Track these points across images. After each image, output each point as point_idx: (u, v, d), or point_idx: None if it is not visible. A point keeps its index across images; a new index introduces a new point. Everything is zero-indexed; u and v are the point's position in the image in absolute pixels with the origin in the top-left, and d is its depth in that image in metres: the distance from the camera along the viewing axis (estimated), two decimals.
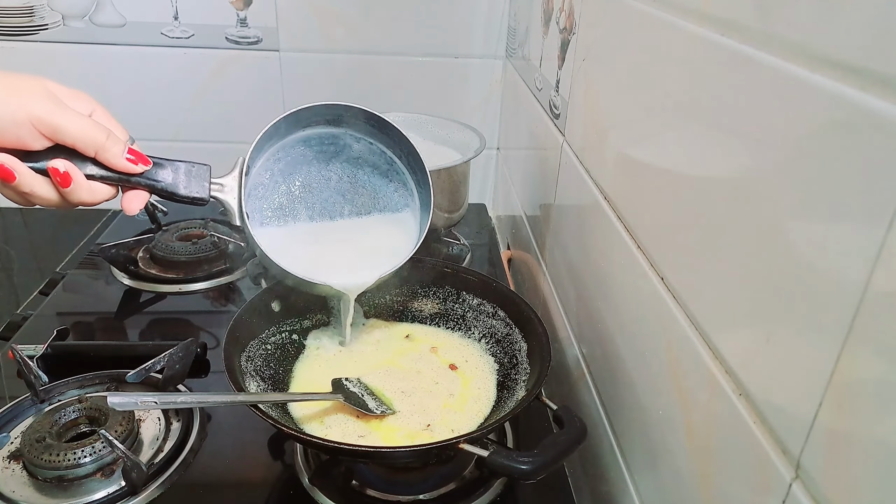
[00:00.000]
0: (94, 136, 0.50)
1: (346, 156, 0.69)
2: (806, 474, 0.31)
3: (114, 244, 0.94)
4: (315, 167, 0.69)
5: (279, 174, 0.67)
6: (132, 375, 0.68)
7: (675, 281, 0.46)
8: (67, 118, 0.48)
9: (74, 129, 0.49)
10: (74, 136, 0.49)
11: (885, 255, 0.26)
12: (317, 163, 0.69)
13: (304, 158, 0.68)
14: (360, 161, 0.69)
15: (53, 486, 0.59)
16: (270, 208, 0.67)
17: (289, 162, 0.67)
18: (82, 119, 0.50)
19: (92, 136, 0.50)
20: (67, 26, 1.13)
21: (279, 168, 0.67)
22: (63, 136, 0.49)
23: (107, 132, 0.51)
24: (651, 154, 0.51)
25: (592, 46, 0.67)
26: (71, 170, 0.49)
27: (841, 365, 0.28)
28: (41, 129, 0.48)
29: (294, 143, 0.67)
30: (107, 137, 0.51)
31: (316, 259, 0.66)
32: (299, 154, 0.67)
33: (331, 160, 0.69)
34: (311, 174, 0.69)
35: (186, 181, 0.56)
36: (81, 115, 0.50)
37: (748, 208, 0.36)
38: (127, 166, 0.52)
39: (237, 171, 0.59)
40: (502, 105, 1.24)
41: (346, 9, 1.15)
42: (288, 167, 0.67)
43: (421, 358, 0.70)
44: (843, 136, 0.29)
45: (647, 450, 0.52)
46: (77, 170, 0.50)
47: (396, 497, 0.59)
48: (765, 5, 0.35)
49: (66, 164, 0.49)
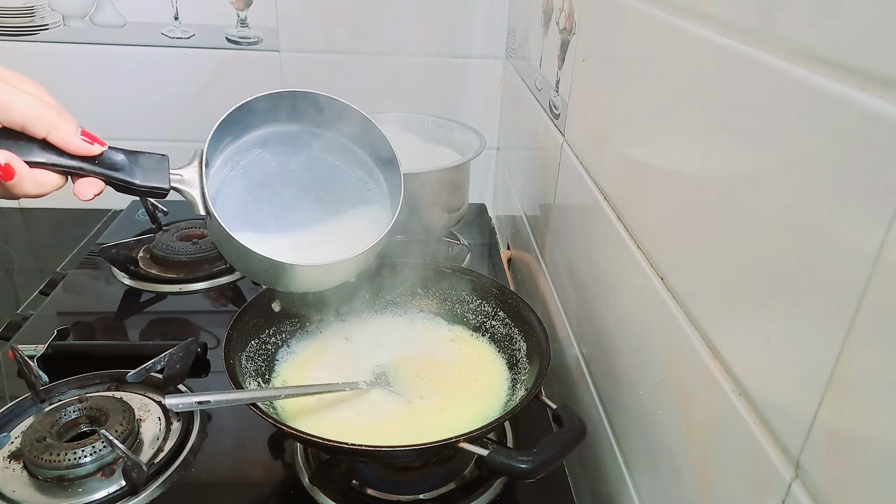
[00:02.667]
0: (44, 113, 0.46)
1: (305, 155, 0.67)
2: (805, 474, 0.31)
3: (114, 244, 0.94)
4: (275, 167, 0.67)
5: (239, 176, 0.65)
6: (132, 375, 0.68)
7: (674, 281, 0.46)
8: (15, 97, 0.45)
9: (23, 106, 0.45)
10: (24, 113, 0.45)
11: (885, 255, 0.26)
12: (276, 163, 0.67)
13: (262, 161, 0.66)
14: (320, 160, 0.68)
15: (54, 486, 0.59)
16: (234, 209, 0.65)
17: (247, 165, 0.66)
18: (30, 98, 0.46)
19: (42, 114, 0.46)
20: (68, 26, 1.13)
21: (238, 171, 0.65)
22: (10, 114, 0.45)
23: (58, 110, 0.47)
24: (651, 154, 0.51)
25: (592, 46, 0.67)
26: (13, 161, 0.46)
27: (841, 364, 0.28)
28: None
29: (250, 146, 0.65)
30: (58, 115, 0.47)
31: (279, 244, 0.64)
32: (257, 157, 0.66)
33: (290, 159, 0.67)
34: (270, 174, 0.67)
35: (144, 171, 0.53)
36: (29, 95, 0.46)
37: (748, 208, 0.36)
38: (81, 146, 0.48)
39: (196, 161, 0.57)
40: (502, 105, 1.24)
41: (347, 9, 1.15)
42: (247, 169, 0.66)
43: (438, 348, 0.71)
44: (843, 135, 0.29)
45: (646, 449, 0.52)
46: (19, 160, 0.46)
47: (396, 496, 0.60)
48: (765, 5, 0.35)
49: (6, 155, 0.45)
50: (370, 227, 0.66)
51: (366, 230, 0.66)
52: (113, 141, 0.53)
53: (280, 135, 0.66)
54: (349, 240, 0.65)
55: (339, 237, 0.67)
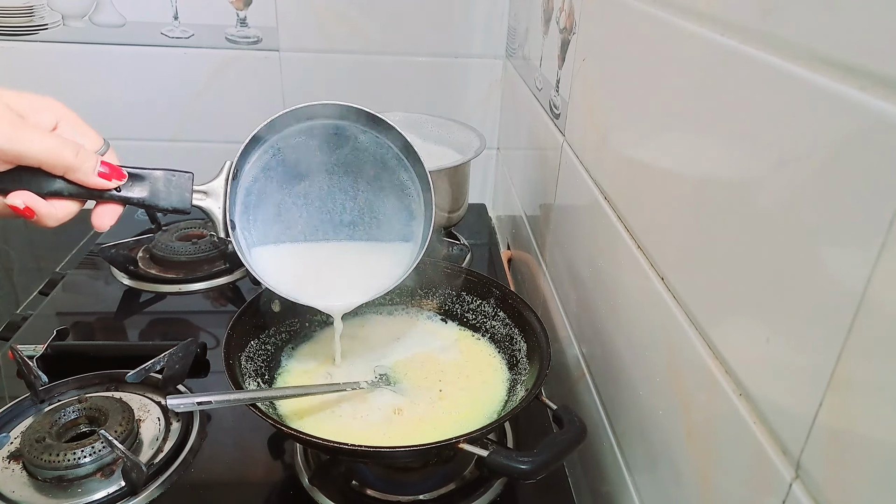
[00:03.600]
0: (61, 156, 0.46)
1: (351, 147, 0.64)
2: (806, 474, 0.31)
3: (113, 244, 0.94)
4: (316, 167, 0.64)
5: (279, 164, 0.62)
6: (132, 375, 0.68)
7: (675, 281, 0.46)
8: (29, 142, 0.44)
9: (38, 152, 0.44)
10: (39, 159, 0.45)
11: (886, 255, 0.26)
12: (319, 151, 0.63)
13: (307, 147, 0.63)
14: (364, 159, 0.65)
15: (53, 487, 0.59)
16: (263, 220, 0.63)
17: (288, 151, 0.62)
18: (46, 139, 0.45)
19: (58, 157, 0.46)
20: (67, 26, 1.13)
21: (279, 158, 0.62)
22: (27, 161, 0.45)
23: (75, 149, 0.47)
24: (651, 154, 0.51)
25: (592, 46, 0.67)
26: (31, 202, 0.46)
27: (841, 365, 0.28)
28: (1, 157, 0.44)
29: (295, 134, 0.62)
30: (76, 155, 0.46)
31: (303, 277, 0.63)
32: (301, 143, 0.62)
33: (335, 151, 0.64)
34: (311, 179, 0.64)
35: (166, 191, 0.52)
36: (45, 135, 0.46)
37: (748, 208, 0.36)
38: (100, 183, 0.48)
39: (223, 176, 0.56)
40: (502, 105, 1.24)
41: (346, 9, 1.15)
42: (287, 164, 0.63)
43: (437, 350, 0.70)
44: (843, 136, 0.29)
45: (647, 450, 0.52)
46: (38, 200, 0.46)
47: (396, 497, 0.59)
48: (765, 5, 0.35)
49: (24, 198, 0.46)
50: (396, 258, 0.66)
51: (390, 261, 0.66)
52: (113, 141, 0.52)
53: (326, 126, 0.62)
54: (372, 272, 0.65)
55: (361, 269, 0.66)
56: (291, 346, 0.70)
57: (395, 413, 0.62)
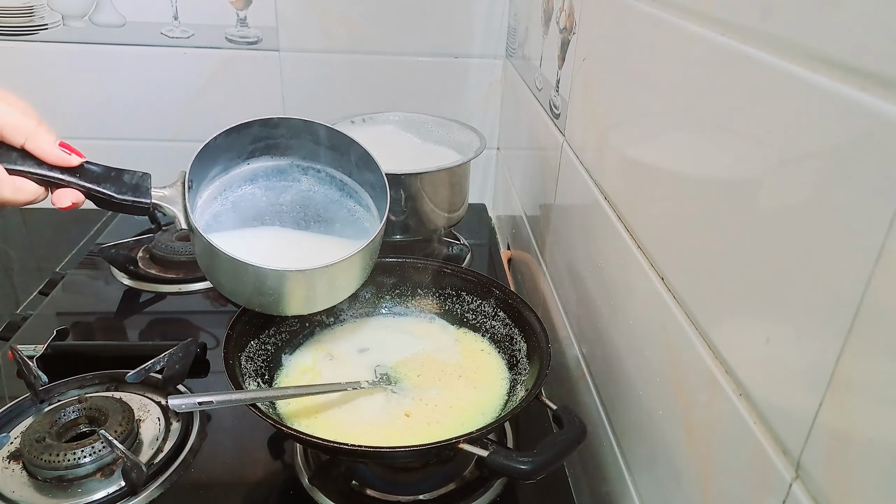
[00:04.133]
0: (22, 122, 0.47)
1: (295, 190, 0.68)
2: (806, 474, 0.31)
3: (113, 244, 0.94)
4: (265, 203, 0.67)
5: (229, 210, 0.66)
6: (132, 375, 0.68)
7: (675, 281, 0.46)
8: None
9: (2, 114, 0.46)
10: (2, 120, 0.46)
11: (886, 255, 0.26)
12: (267, 199, 0.67)
13: (253, 196, 0.67)
14: (311, 193, 0.69)
15: (53, 486, 0.59)
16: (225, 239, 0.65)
17: (237, 200, 0.67)
18: (8, 106, 0.47)
19: (19, 122, 0.47)
20: (67, 26, 1.13)
21: (228, 206, 0.66)
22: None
23: (36, 119, 0.48)
24: (651, 154, 0.51)
25: (592, 46, 0.67)
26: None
27: (841, 365, 0.28)
28: None
29: (240, 182, 0.66)
30: (38, 123, 0.48)
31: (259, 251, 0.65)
32: (247, 193, 0.67)
33: (281, 194, 0.68)
34: (262, 209, 0.67)
35: (125, 186, 0.54)
36: (8, 104, 0.47)
37: (748, 208, 0.36)
38: (59, 156, 0.49)
39: (179, 181, 0.58)
40: (502, 105, 1.24)
41: (346, 9, 1.15)
42: (237, 204, 0.67)
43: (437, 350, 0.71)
44: (843, 135, 0.29)
45: (646, 450, 0.52)
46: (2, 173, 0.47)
47: (396, 497, 0.59)
48: (765, 5, 0.35)
49: None
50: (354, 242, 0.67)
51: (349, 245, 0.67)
52: (112, 141, 0.53)
53: (268, 169, 0.67)
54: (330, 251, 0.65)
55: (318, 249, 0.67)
56: (291, 346, 0.70)
57: (395, 413, 0.62)
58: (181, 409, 0.52)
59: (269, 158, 0.66)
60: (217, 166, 0.64)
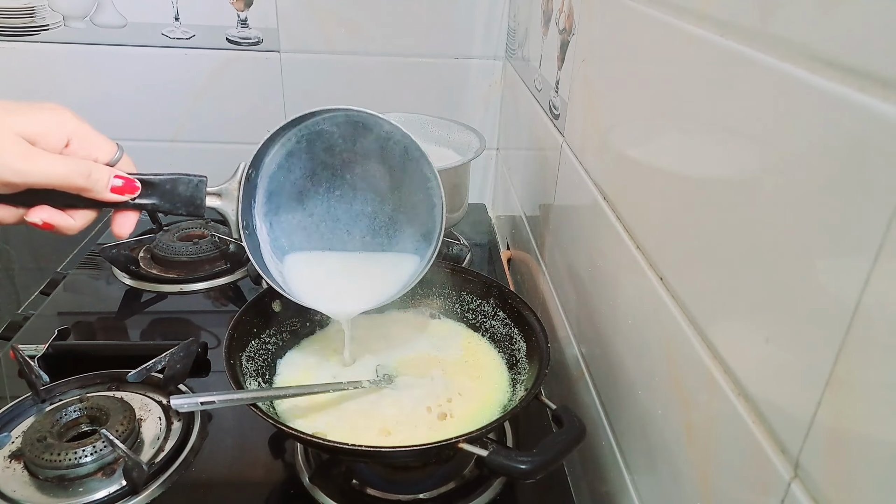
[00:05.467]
0: (73, 181, 0.47)
1: (375, 135, 0.62)
2: (805, 474, 0.31)
3: (115, 244, 0.94)
4: (342, 143, 0.63)
5: (299, 160, 0.62)
6: (133, 375, 0.68)
7: (674, 281, 0.46)
8: (40, 172, 0.45)
9: (50, 179, 0.46)
10: (52, 185, 0.46)
11: (884, 255, 0.26)
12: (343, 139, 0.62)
13: (331, 137, 0.62)
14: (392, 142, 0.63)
15: (54, 486, 0.59)
16: (285, 219, 0.64)
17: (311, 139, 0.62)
18: (56, 166, 0.46)
19: (70, 182, 0.47)
20: (68, 27, 1.13)
21: (299, 152, 0.62)
22: (40, 187, 0.46)
23: (86, 171, 0.47)
24: (651, 154, 0.51)
25: (592, 47, 0.67)
26: (48, 218, 0.48)
27: (840, 364, 0.28)
28: (15, 188, 0.46)
29: (316, 124, 0.61)
30: (87, 178, 0.47)
31: (314, 283, 0.65)
32: (324, 132, 0.62)
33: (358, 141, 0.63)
34: (334, 168, 0.64)
35: (179, 197, 0.53)
36: (55, 161, 0.46)
37: (747, 208, 0.36)
38: (113, 198, 0.50)
39: (237, 178, 0.57)
40: (502, 105, 1.24)
41: (347, 9, 1.15)
42: (310, 152, 0.62)
43: (436, 347, 0.71)
44: (842, 136, 0.29)
45: (646, 449, 0.52)
46: (55, 215, 0.48)
47: (396, 496, 0.60)
48: (765, 6, 0.35)
49: (42, 215, 0.48)
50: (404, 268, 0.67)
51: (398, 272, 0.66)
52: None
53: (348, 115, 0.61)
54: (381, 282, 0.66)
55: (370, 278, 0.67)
56: (292, 346, 0.70)
57: (396, 412, 0.62)
58: (184, 408, 0.52)
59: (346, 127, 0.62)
60: (283, 137, 0.61)
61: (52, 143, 0.47)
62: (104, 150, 0.50)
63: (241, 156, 0.58)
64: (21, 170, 0.44)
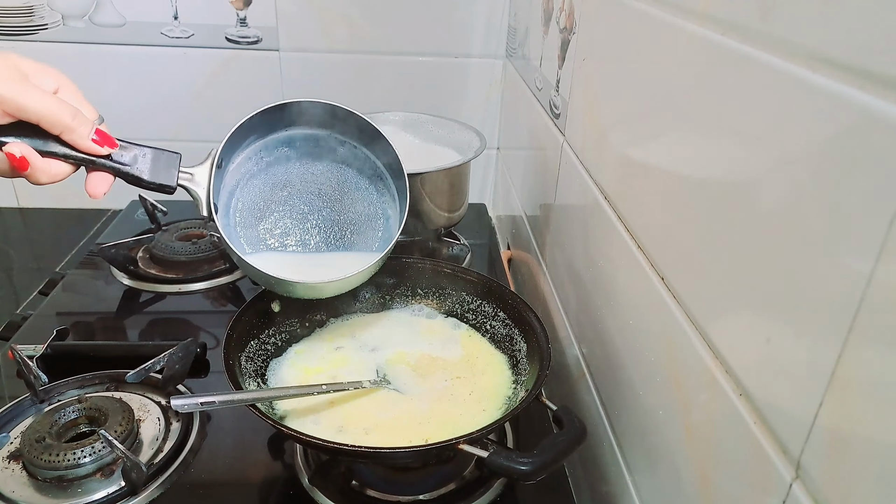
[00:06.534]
0: (60, 116, 0.49)
1: (330, 158, 0.68)
2: (806, 474, 0.31)
3: (113, 244, 0.94)
4: (298, 167, 0.68)
5: (261, 171, 0.67)
6: (132, 375, 0.68)
7: (675, 281, 0.46)
8: (32, 98, 0.48)
9: (39, 108, 0.48)
10: (39, 115, 0.48)
11: (886, 255, 0.26)
12: (300, 164, 0.68)
13: (287, 159, 0.68)
14: (345, 165, 0.69)
15: (53, 487, 0.59)
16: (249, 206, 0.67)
17: (271, 161, 0.67)
18: (47, 98, 0.49)
19: (57, 117, 0.49)
20: (67, 26, 1.13)
21: (262, 166, 0.67)
22: (27, 115, 0.48)
23: (73, 112, 0.50)
24: (651, 154, 0.51)
25: (593, 46, 0.67)
26: (28, 154, 0.49)
27: (842, 365, 0.28)
28: (4, 108, 0.47)
29: (277, 144, 0.67)
30: (73, 117, 0.50)
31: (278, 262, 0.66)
32: (282, 155, 0.67)
33: (315, 162, 0.69)
34: (293, 174, 0.68)
35: (154, 167, 0.55)
36: (47, 94, 0.49)
37: (748, 208, 0.36)
38: (92, 147, 0.51)
39: (209, 161, 0.59)
40: (502, 105, 1.24)
41: (346, 9, 1.15)
42: (271, 165, 0.67)
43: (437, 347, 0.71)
44: (843, 135, 0.29)
45: (647, 450, 0.52)
46: (34, 153, 0.49)
47: (396, 497, 0.59)
48: (765, 5, 0.35)
49: (22, 148, 0.49)
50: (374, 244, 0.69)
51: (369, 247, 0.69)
52: None
53: (307, 137, 0.67)
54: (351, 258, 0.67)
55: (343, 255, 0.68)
56: (292, 346, 0.70)
57: (396, 413, 0.62)
58: (184, 409, 0.52)
59: (308, 128, 0.67)
60: (253, 135, 0.65)
61: (44, 84, 0.50)
62: (88, 111, 0.53)
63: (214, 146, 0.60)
64: (16, 91, 0.47)
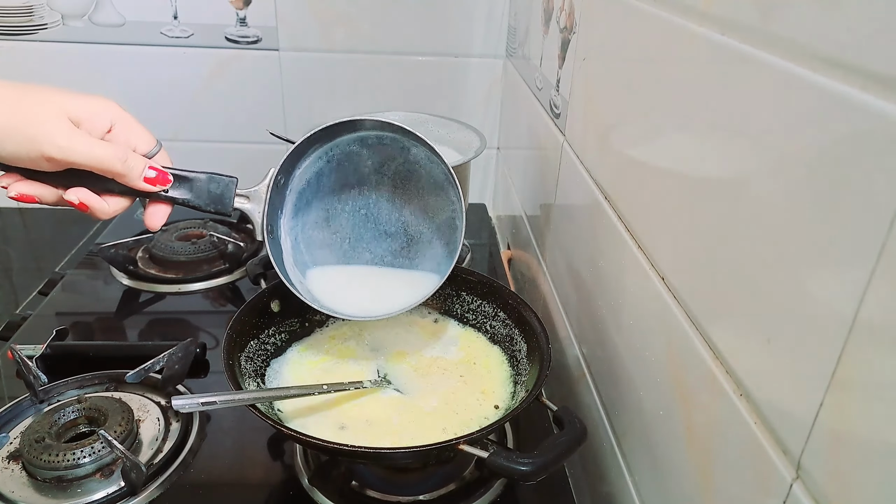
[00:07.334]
0: (110, 164, 0.50)
1: (403, 159, 0.65)
2: (807, 475, 0.31)
3: (113, 244, 0.94)
4: (367, 177, 0.66)
5: (332, 170, 0.65)
6: (131, 376, 0.68)
7: (675, 280, 0.46)
8: (80, 152, 0.48)
9: (88, 161, 0.49)
10: (90, 166, 0.49)
11: (886, 255, 0.26)
12: (369, 170, 0.66)
13: (360, 157, 0.65)
14: (417, 166, 0.66)
15: (53, 487, 0.59)
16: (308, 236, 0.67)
17: (341, 158, 0.65)
18: (97, 148, 0.49)
19: (106, 165, 0.49)
20: (67, 26, 1.13)
21: (333, 164, 0.65)
22: (79, 167, 0.49)
23: (124, 156, 0.50)
24: (651, 154, 0.51)
25: (593, 46, 0.67)
26: (85, 198, 0.51)
27: (842, 365, 0.28)
28: (55, 165, 0.48)
29: (348, 143, 0.64)
30: (124, 162, 0.50)
31: (331, 291, 0.66)
32: (353, 152, 0.65)
33: (386, 163, 0.66)
34: (361, 188, 0.67)
35: (210, 194, 0.56)
36: (95, 144, 0.49)
37: (748, 208, 0.36)
38: (145, 187, 0.52)
39: (265, 183, 0.59)
40: (502, 105, 1.24)
41: (346, 8, 1.15)
42: (341, 163, 0.65)
43: (435, 349, 0.71)
44: (843, 135, 0.29)
45: (647, 450, 0.52)
46: (91, 196, 0.51)
47: (396, 497, 0.59)
48: (765, 5, 0.35)
49: (79, 194, 0.50)
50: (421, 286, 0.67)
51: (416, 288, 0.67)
52: None
53: (379, 137, 0.65)
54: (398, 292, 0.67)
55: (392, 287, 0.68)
56: (292, 347, 0.70)
57: (396, 413, 0.61)
58: (185, 409, 0.52)
59: (381, 130, 0.64)
60: (316, 144, 0.63)
61: (96, 128, 0.50)
62: (143, 141, 0.53)
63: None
64: (64, 147, 0.47)
